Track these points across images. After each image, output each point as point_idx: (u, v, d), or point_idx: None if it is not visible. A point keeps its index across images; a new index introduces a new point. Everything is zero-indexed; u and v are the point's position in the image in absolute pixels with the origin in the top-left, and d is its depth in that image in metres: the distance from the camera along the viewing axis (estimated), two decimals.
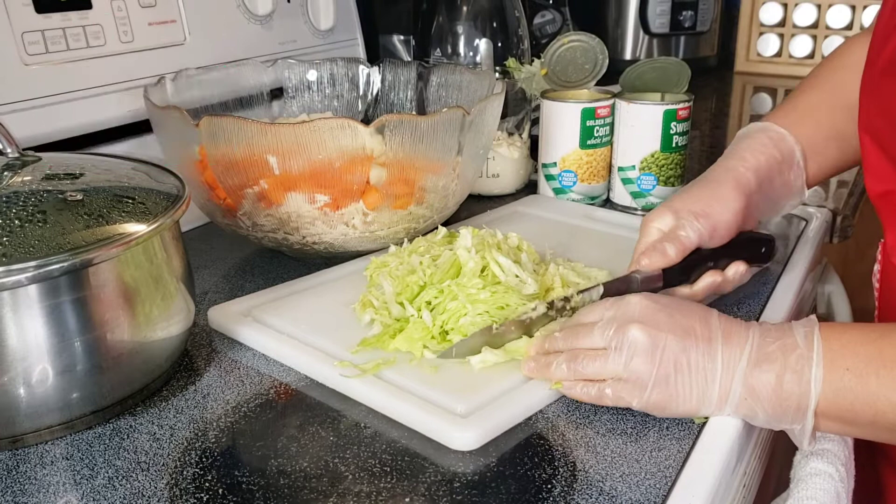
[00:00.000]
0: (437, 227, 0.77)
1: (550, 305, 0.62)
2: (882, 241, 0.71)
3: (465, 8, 1.03)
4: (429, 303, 0.63)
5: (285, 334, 0.64)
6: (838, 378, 0.50)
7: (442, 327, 0.61)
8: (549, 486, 0.48)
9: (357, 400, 0.57)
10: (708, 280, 0.67)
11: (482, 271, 0.65)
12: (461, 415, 0.53)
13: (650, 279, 0.65)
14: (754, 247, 0.72)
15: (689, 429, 0.54)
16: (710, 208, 0.67)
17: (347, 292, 0.70)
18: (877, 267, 0.74)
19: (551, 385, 0.56)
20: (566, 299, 0.63)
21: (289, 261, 0.82)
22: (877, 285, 0.74)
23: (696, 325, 0.54)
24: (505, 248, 0.68)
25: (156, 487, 0.48)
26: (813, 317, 0.53)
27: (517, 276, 0.65)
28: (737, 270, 0.68)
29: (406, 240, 0.76)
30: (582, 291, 0.63)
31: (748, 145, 0.72)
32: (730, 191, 0.68)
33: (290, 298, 0.70)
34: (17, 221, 0.51)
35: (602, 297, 0.63)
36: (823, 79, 0.77)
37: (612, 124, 0.95)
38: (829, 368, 0.50)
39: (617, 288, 0.64)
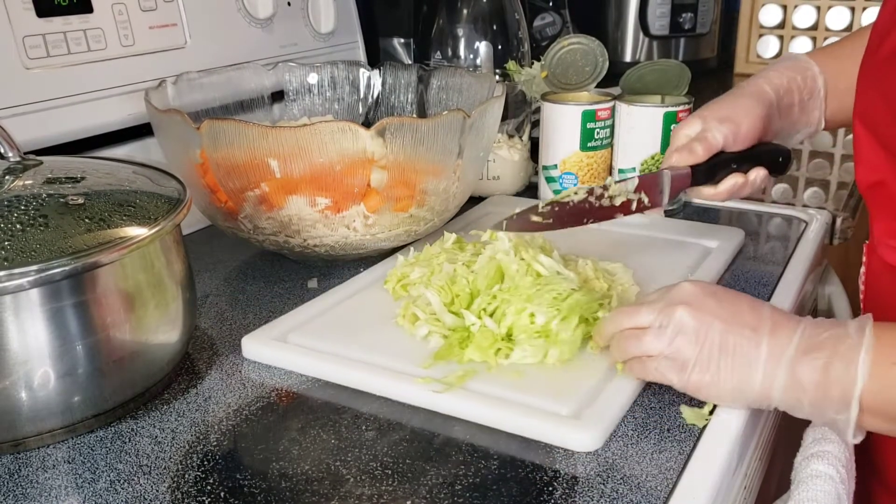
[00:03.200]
0: (442, 233, 0.77)
1: (590, 192, 0.69)
2: (866, 242, 0.73)
3: (465, 11, 1.03)
4: (484, 309, 0.63)
5: (341, 356, 0.61)
6: (885, 371, 0.49)
7: (508, 332, 0.61)
8: (551, 488, 0.48)
9: (448, 414, 0.56)
10: (731, 181, 0.73)
11: (525, 273, 0.66)
12: (568, 416, 0.54)
13: (680, 176, 0.71)
14: (773, 156, 0.76)
15: (691, 431, 0.54)
16: (734, 114, 0.72)
17: (379, 307, 0.69)
18: (862, 269, 0.75)
19: (617, 369, 0.59)
20: (605, 187, 0.70)
21: (290, 263, 0.82)
22: (862, 287, 0.75)
23: (744, 312, 0.54)
24: (534, 248, 0.69)
25: (157, 491, 0.48)
26: (868, 314, 0.53)
27: (559, 273, 0.66)
28: (758, 174, 0.74)
29: (412, 248, 0.76)
30: (619, 182, 0.71)
31: (775, 67, 0.79)
32: (751, 100, 0.74)
33: (323, 319, 0.67)
34: (18, 225, 0.51)
35: (636, 187, 0.71)
36: (859, 35, 0.79)
37: (612, 126, 0.95)
38: (877, 360, 0.49)
39: (652, 180, 0.71)
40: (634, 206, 0.72)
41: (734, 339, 0.53)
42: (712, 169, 0.72)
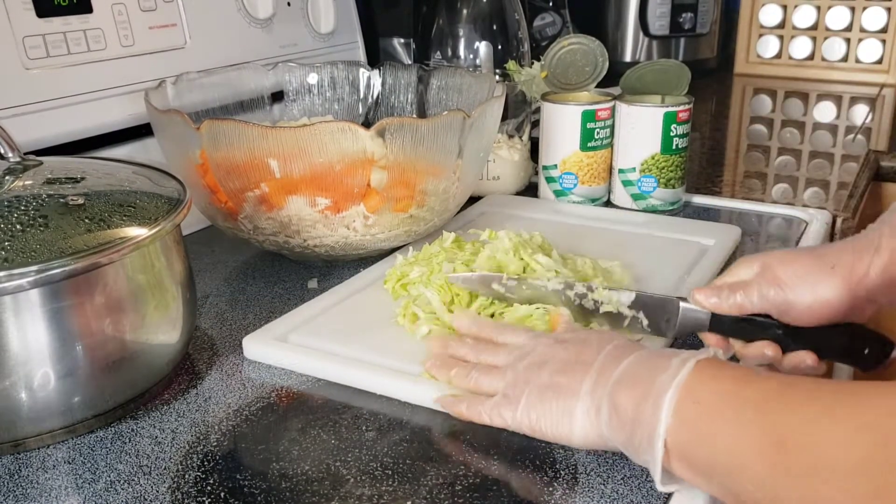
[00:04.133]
0: (441, 233, 0.77)
1: (569, 287, 0.62)
2: None
3: (465, 11, 1.03)
4: (485, 309, 0.63)
5: (343, 356, 0.61)
6: (686, 408, 0.43)
7: None
8: (551, 488, 0.48)
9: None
10: (759, 350, 0.57)
11: (523, 271, 0.66)
12: None
13: (695, 316, 0.58)
14: (849, 344, 0.57)
15: None
16: (793, 283, 0.55)
17: (379, 306, 0.69)
18: None
19: (437, 394, 0.56)
20: (589, 288, 0.62)
21: (290, 264, 0.82)
22: None
23: (587, 352, 0.52)
24: (533, 247, 0.69)
25: (158, 491, 0.48)
26: (709, 349, 0.48)
27: (557, 273, 0.65)
28: (800, 361, 0.56)
29: (410, 248, 0.76)
30: (609, 289, 0.62)
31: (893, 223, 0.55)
32: (829, 277, 0.55)
33: (324, 319, 0.67)
34: (18, 226, 0.51)
35: (633, 304, 0.60)
36: None
37: (612, 126, 0.95)
38: (683, 396, 0.44)
39: (657, 304, 0.60)
40: (626, 323, 0.61)
41: (565, 376, 0.51)
42: (746, 328, 0.57)
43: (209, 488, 0.49)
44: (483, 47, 1.03)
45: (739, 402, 0.42)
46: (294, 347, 0.63)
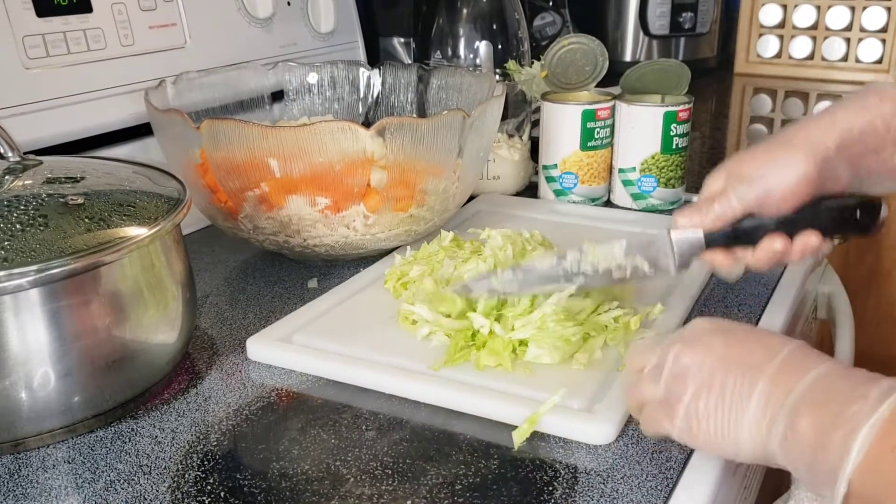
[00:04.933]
0: (439, 231, 0.77)
1: (562, 259, 0.60)
2: None
3: (465, 10, 1.03)
4: (491, 314, 0.62)
5: (347, 356, 0.61)
6: (882, 453, 0.39)
7: (521, 339, 0.60)
8: (551, 488, 0.48)
9: (458, 410, 0.56)
10: (768, 248, 0.58)
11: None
12: (580, 410, 0.54)
13: (687, 240, 0.59)
14: (840, 213, 0.60)
15: None
16: (762, 171, 0.57)
17: (381, 305, 0.69)
18: None
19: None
20: (580, 251, 0.61)
21: (290, 263, 0.82)
22: None
23: (754, 350, 0.46)
24: (533, 245, 0.69)
25: (158, 491, 0.48)
26: None
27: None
28: (806, 243, 0.58)
29: (409, 248, 0.76)
30: (601, 245, 0.61)
31: (848, 101, 0.59)
32: (794, 153, 0.57)
33: (326, 319, 0.67)
34: (18, 225, 0.51)
35: (626, 250, 0.60)
36: None
37: (612, 126, 0.95)
38: (880, 438, 0.39)
39: (646, 243, 0.60)
40: (629, 273, 0.60)
41: (729, 377, 0.45)
42: (745, 233, 0.59)
43: (209, 488, 0.49)
44: (483, 47, 1.03)
45: None
46: (298, 348, 0.63)
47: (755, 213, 0.58)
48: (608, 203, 0.98)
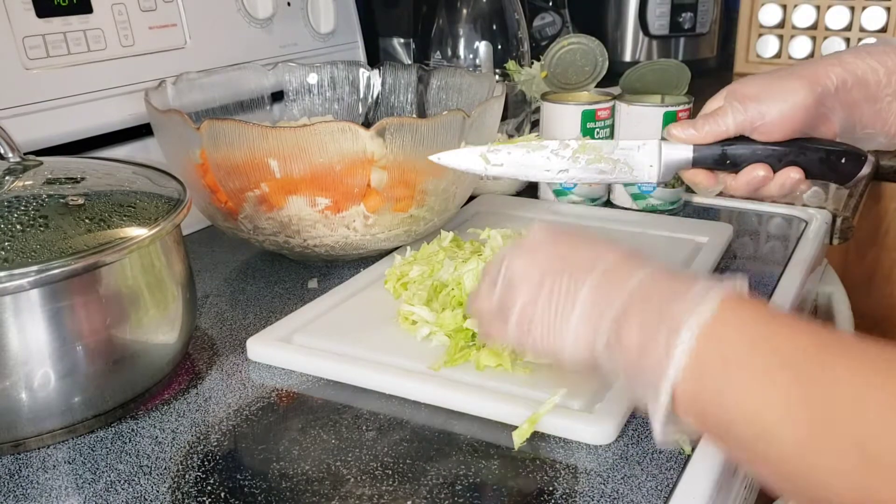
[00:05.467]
0: (439, 232, 0.77)
1: (564, 145, 0.60)
2: None
3: (464, 11, 1.03)
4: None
5: (347, 356, 0.61)
6: (705, 352, 0.38)
7: None
8: (551, 488, 0.49)
9: (458, 410, 0.56)
10: (750, 174, 0.59)
11: None
12: (581, 410, 0.54)
13: (676, 153, 0.61)
14: (825, 156, 0.60)
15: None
16: (763, 93, 0.59)
17: (381, 306, 0.69)
18: None
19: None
20: (566, 144, 0.61)
21: (290, 264, 0.82)
22: None
23: (583, 255, 0.46)
24: None
25: (158, 491, 0.48)
26: (740, 280, 0.41)
27: None
28: (788, 176, 0.59)
29: (408, 248, 0.76)
30: (592, 141, 0.62)
31: (855, 49, 0.61)
32: (797, 82, 0.58)
33: (326, 319, 0.67)
34: (18, 226, 0.51)
35: (614, 150, 0.61)
36: None
37: (612, 126, 0.95)
38: (702, 337, 0.38)
39: (636, 146, 0.61)
40: (614, 173, 0.61)
41: (558, 282, 0.44)
42: (732, 157, 0.60)
43: (209, 488, 0.49)
44: (483, 47, 1.03)
45: (769, 352, 0.37)
46: (298, 348, 0.63)
47: (747, 135, 0.60)
48: (608, 203, 0.98)
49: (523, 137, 0.62)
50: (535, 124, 1.03)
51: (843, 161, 0.60)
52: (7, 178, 0.57)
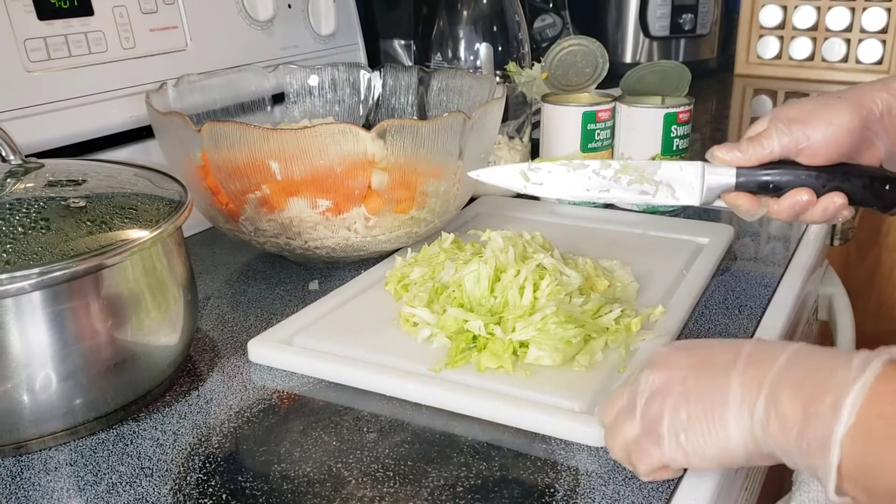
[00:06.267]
0: (440, 233, 0.77)
1: (594, 167, 0.60)
2: None
3: (465, 12, 1.03)
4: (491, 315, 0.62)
5: (348, 358, 0.61)
6: (868, 419, 0.37)
7: (522, 341, 0.60)
8: (552, 489, 0.49)
9: (460, 412, 0.56)
10: (794, 197, 0.59)
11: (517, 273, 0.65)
12: (581, 412, 0.54)
13: (719, 176, 0.60)
14: (870, 182, 0.59)
15: None
16: (808, 116, 0.59)
17: (382, 307, 0.69)
18: None
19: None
20: (607, 165, 0.61)
21: (291, 265, 0.82)
22: None
23: (718, 352, 0.45)
24: (534, 247, 0.69)
25: (159, 493, 0.48)
26: (891, 348, 0.40)
27: (562, 273, 0.65)
28: (831, 201, 0.59)
29: (409, 250, 0.76)
30: (634, 162, 0.61)
31: None
32: (842, 104, 0.59)
33: (327, 321, 0.67)
34: (20, 228, 0.51)
35: (657, 172, 0.61)
36: None
37: (612, 128, 0.95)
38: (866, 404, 0.37)
39: (679, 168, 0.61)
40: (655, 195, 0.61)
41: (704, 382, 0.43)
42: (776, 181, 0.59)
43: (211, 490, 0.49)
44: (483, 49, 1.03)
45: None
46: (299, 350, 0.63)
47: (791, 159, 0.59)
48: (608, 204, 0.98)
49: (565, 156, 0.62)
50: (535, 126, 1.03)
51: (887, 188, 0.59)
52: (9, 180, 0.57)
